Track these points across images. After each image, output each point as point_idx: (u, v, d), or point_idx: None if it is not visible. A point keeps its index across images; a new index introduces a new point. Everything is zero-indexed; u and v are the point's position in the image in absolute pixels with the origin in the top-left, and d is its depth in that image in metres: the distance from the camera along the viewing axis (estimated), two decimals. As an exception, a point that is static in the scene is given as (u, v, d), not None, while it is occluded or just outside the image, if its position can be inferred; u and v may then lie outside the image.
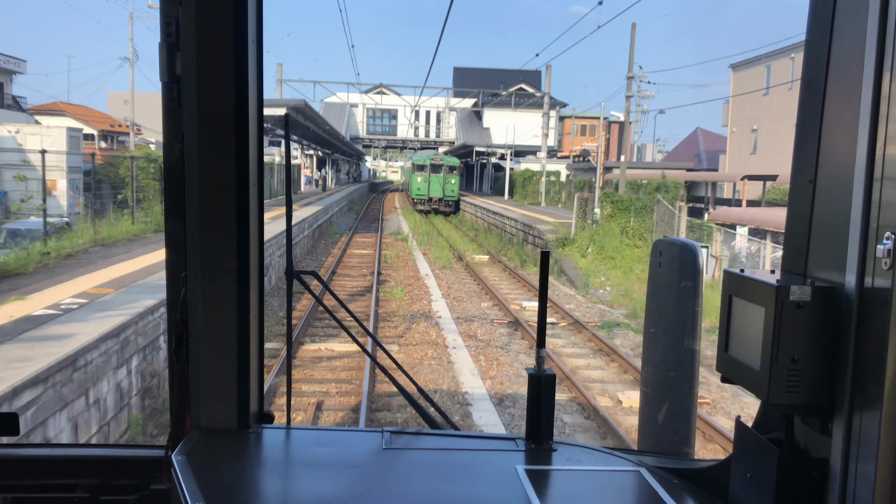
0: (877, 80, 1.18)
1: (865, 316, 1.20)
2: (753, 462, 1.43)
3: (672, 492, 1.60)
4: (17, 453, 2.02)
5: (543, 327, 1.83)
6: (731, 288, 1.42)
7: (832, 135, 1.31)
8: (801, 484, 1.32)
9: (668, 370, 1.87)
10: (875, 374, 1.17)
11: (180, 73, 1.73)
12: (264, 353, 2.02)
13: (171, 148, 1.78)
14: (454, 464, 1.75)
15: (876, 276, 1.18)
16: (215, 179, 1.77)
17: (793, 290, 1.26)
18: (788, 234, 1.43)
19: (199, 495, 1.50)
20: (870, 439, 1.18)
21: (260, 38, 1.83)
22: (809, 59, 1.38)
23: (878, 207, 1.18)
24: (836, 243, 1.28)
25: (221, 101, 1.74)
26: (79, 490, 1.87)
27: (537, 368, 1.83)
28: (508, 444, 1.86)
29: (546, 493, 1.60)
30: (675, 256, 1.86)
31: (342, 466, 1.72)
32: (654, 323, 1.95)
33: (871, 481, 1.18)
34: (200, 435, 1.82)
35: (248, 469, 1.72)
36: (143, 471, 1.88)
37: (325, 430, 2.08)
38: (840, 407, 1.25)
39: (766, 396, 1.29)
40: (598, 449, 1.86)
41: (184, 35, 1.71)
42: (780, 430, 1.40)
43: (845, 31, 1.29)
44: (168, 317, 1.87)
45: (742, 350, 1.38)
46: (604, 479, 1.69)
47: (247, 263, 1.83)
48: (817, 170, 1.34)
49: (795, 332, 1.26)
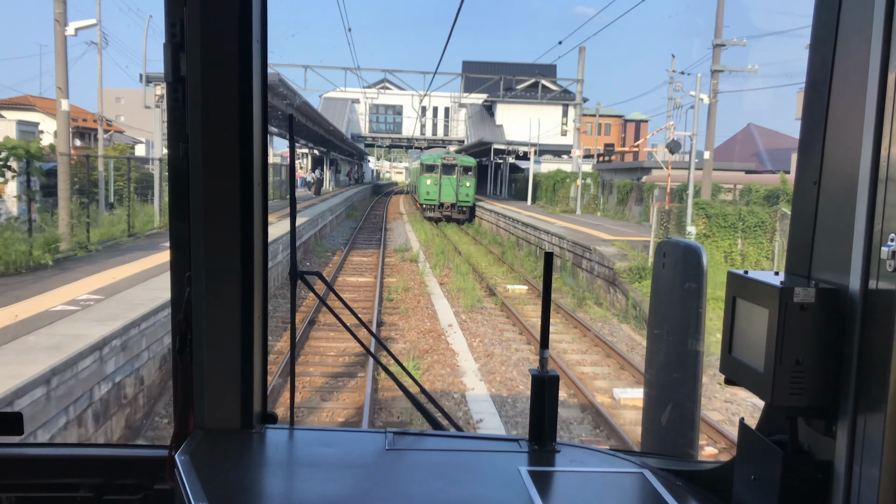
0: (882, 82, 1.18)
1: (870, 318, 1.20)
2: (757, 464, 1.43)
3: (675, 494, 1.59)
4: (21, 453, 2.01)
5: (547, 328, 1.83)
6: (734, 289, 1.42)
7: (837, 136, 1.31)
8: (804, 486, 1.32)
9: (672, 371, 1.87)
10: (879, 376, 1.17)
11: (185, 74, 1.74)
12: (268, 354, 2.04)
13: (176, 148, 1.78)
14: (457, 465, 1.75)
15: (881, 278, 1.18)
16: (220, 180, 1.78)
17: (797, 292, 1.26)
18: (792, 235, 1.43)
19: (202, 495, 1.50)
20: (874, 442, 1.18)
21: (264, 38, 1.84)
22: (814, 60, 1.38)
23: (883, 209, 1.18)
24: (840, 245, 1.28)
25: (226, 102, 1.75)
26: (83, 489, 1.87)
27: (540, 370, 1.83)
28: (511, 445, 1.86)
29: (549, 495, 1.59)
30: (679, 258, 1.87)
31: (345, 467, 1.72)
32: (657, 324, 1.95)
33: (876, 484, 1.17)
34: (204, 435, 1.83)
35: (251, 469, 1.73)
36: (146, 470, 1.89)
37: (328, 431, 2.04)
38: (844, 409, 1.25)
39: (770, 398, 1.28)
40: (601, 450, 1.87)
41: (188, 36, 1.71)
42: (783, 433, 1.40)
43: (850, 32, 1.28)
44: (172, 317, 1.87)
45: (746, 352, 1.38)
46: (607, 480, 1.69)
47: (251, 264, 1.83)
48: (822, 171, 1.34)
49: (799, 333, 1.26)
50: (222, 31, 1.71)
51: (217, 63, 1.72)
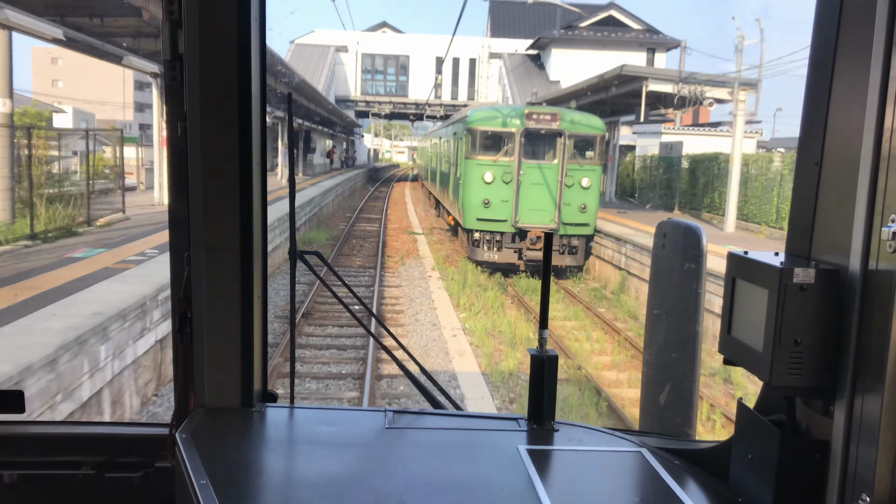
0: (885, 62, 1.18)
1: (869, 299, 1.21)
2: (755, 444, 1.45)
3: (673, 472, 1.61)
4: (23, 431, 2.02)
5: (546, 307, 1.85)
6: (734, 270, 1.42)
7: (839, 117, 1.31)
8: (801, 466, 1.33)
9: (671, 352, 1.89)
10: (877, 357, 1.18)
11: (183, 52, 1.73)
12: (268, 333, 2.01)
13: (174, 127, 1.78)
14: (456, 443, 1.76)
15: (881, 259, 1.18)
16: (218, 159, 1.77)
17: (796, 273, 1.26)
18: (793, 216, 1.43)
19: (202, 473, 1.51)
20: (871, 422, 1.19)
21: (263, 15, 1.83)
22: (817, 40, 1.38)
23: (885, 190, 1.18)
24: (840, 226, 1.28)
25: (224, 80, 1.74)
26: (84, 467, 1.89)
27: (539, 349, 1.84)
28: (510, 423, 1.88)
29: (547, 473, 1.60)
30: (679, 238, 1.88)
31: (345, 445, 1.73)
32: (656, 305, 1.96)
33: (872, 464, 1.18)
34: (204, 413, 1.84)
35: (251, 447, 1.74)
36: (147, 449, 1.90)
37: (328, 410, 2.03)
38: (842, 389, 1.26)
39: (769, 378, 1.29)
40: (599, 429, 1.87)
41: (186, 13, 1.71)
42: (781, 412, 1.41)
43: (854, 12, 1.28)
44: (172, 296, 1.87)
45: (745, 332, 1.39)
46: (605, 459, 1.71)
47: (250, 242, 1.84)
48: (823, 152, 1.34)
49: (798, 314, 1.27)
50: (220, 9, 1.71)
51: (215, 41, 1.72)
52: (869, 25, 1.21)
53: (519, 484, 1.55)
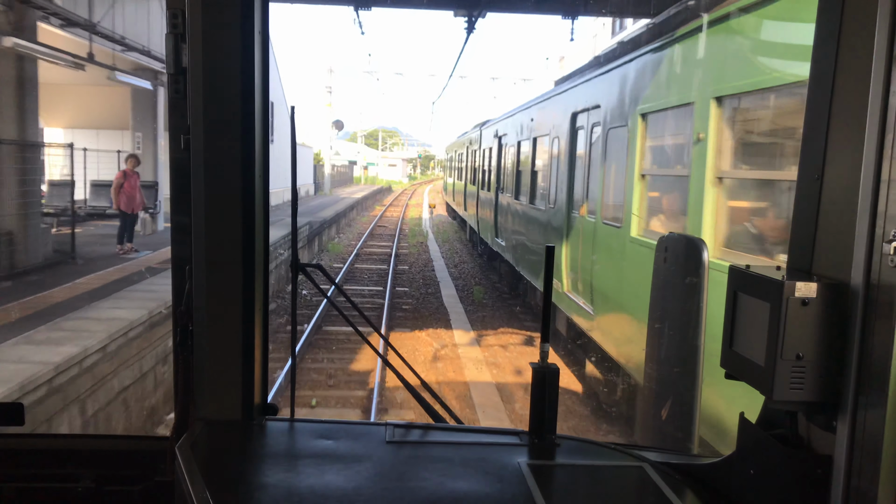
0: (886, 77, 1.18)
1: (871, 313, 1.21)
2: (757, 459, 1.44)
3: (675, 488, 1.60)
4: (23, 444, 2.01)
5: (548, 322, 1.84)
6: (736, 284, 1.42)
7: (840, 131, 1.32)
8: (804, 481, 1.32)
9: (672, 366, 1.88)
10: (880, 371, 1.18)
11: (186, 66, 1.75)
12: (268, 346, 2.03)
13: (177, 140, 1.79)
14: (457, 458, 1.75)
15: (882, 273, 1.18)
16: (220, 172, 1.78)
17: (798, 287, 1.26)
18: (795, 230, 1.43)
19: (202, 486, 1.50)
20: (874, 437, 1.19)
21: (266, 29, 1.84)
22: (818, 56, 1.39)
23: (886, 205, 1.18)
24: (842, 240, 1.28)
25: (227, 94, 1.75)
26: (84, 480, 1.88)
27: (541, 363, 1.84)
28: (511, 438, 1.87)
29: (549, 488, 1.59)
30: (680, 252, 1.88)
31: (345, 459, 1.72)
32: (658, 319, 1.96)
33: (876, 479, 1.18)
34: (204, 426, 1.84)
35: (251, 461, 1.72)
36: (147, 462, 1.89)
37: (328, 423, 2.02)
38: (844, 404, 1.26)
39: (771, 393, 1.29)
40: (601, 444, 1.87)
41: (190, 27, 1.72)
42: (783, 427, 1.40)
43: (854, 27, 1.29)
44: (173, 309, 1.87)
45: (746, 346, 1.38)
46: (606, 474, 1.70)
47: (252, 256, 1.84)
48: (825, 166, 1.34)
49: (800, 328, 1.27)
50: (224, 23, 1.72)
51: (219, 55, 1.73)
52: (869, 39, 1.22)
53: (520, 500, 1.54)
